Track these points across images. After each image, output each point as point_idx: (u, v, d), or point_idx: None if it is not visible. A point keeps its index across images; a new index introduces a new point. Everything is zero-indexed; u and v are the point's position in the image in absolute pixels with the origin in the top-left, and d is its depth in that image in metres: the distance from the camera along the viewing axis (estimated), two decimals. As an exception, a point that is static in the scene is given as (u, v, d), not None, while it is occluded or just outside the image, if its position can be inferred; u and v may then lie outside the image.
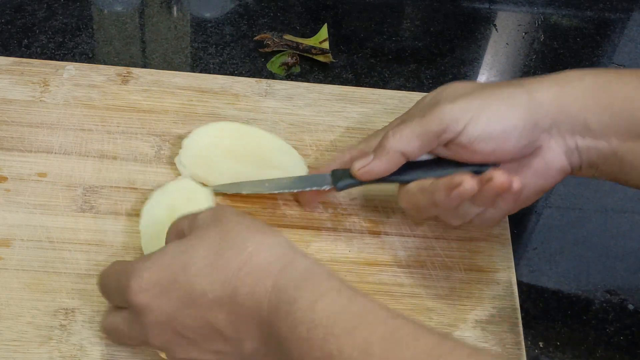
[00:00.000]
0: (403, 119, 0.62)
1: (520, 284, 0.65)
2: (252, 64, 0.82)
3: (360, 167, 0.60)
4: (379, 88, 0.78)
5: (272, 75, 0.80)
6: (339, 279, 0.48)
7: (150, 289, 0.50)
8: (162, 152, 0.70)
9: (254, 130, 0.70)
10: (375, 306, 0.46)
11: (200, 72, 0.79)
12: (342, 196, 0.68)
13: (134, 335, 0.52)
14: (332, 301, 0.46)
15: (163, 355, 0.54)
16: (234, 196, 0.67)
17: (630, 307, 0.66)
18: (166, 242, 0.55)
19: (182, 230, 0.53)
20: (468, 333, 0.61)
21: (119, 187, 0.67)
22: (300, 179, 0.66)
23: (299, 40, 0.83)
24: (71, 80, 0.74)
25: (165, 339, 0.50)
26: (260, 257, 0.48)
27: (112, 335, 0.55)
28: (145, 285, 0.50)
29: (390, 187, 0.63)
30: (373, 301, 0.47)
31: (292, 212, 0.67)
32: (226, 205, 0.61)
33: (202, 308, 0.49)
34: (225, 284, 0.48)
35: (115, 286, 0.52)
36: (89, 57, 0.80)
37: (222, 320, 0.48)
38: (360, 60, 0.83)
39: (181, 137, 0.71)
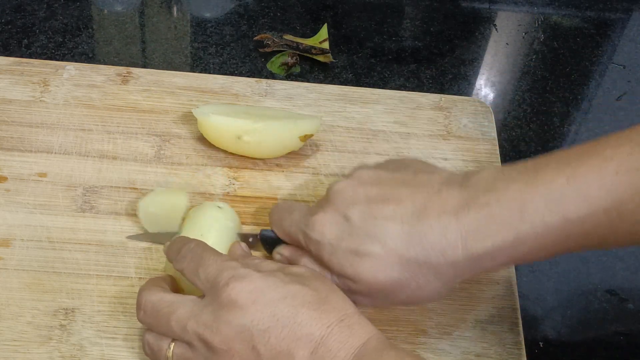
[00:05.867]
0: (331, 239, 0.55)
1: (520, 284, 0.65)
2: (252, 64, 0.82)
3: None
4: (379, 88, 0.78)
5: (272, 75, 0.80)
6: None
7: (253, 292, 0.51)
8: (162, 152, 0.70)
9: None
10: None
11: (200, 72, 0.79)
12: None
13: (185, 322, 0.51)
14: None
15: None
16: (233, 197, 0.67)
17: (630, 307, 0.66)
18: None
19: (257, 264, 0.55)
20: (468, 333, 0.61)
21: (119, 187, 0.67)
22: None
23: (299, 40, 0.83)
24: (71, 80, 0.74)
25: (227, 341, 0.50)
26: (360, 318, 0.52)
27: (152, 311, 0.53)
28: (247, 287, 0.51)
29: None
30: None
31: (292, 212, 0.67)
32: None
33: (292, 336, 0.50)
34: (324, 326, 0.50)
35: (207, 277, 0.52)
36: (89, 57, 0.80)
37: (302, 356, 0.49)
38: (360, 60, 0.83)
39: (181, 137, 0.71)
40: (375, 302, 0.56)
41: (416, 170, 0.57)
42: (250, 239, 0.62)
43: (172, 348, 0.53)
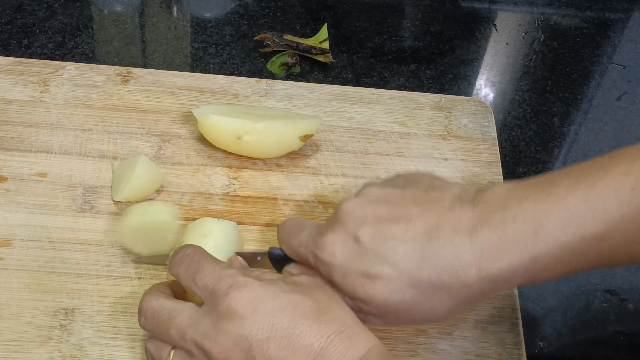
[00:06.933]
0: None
1: (520, 284, 0.65)
2: (252, 64, 0.82)
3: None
4: (379, 88, 0.78)
5: (272, 75, 0.80)
6: None
7: (252, 302, 0.50)
8: (162, 152, 0.70)
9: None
10: None
11: (200, 72, 0.79)
12: (342, 195, 0.68)
13: (184, 330, 0.51)
14: None
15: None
16: (233, 197, 0.67)
17: (630, 307, 0.66)
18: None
19: (255, 275, 0.54)
20: (468, 333, 0.61)
21: (119, 187, 0.67)
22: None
23: (299, 40, 0.83)
24: (71, 80, 0.74)
25: (225, 351, 0.49)
26: (361, 329, 0.51)
27: (152, 318, 0.53)
28: (247, 296, 0.50)
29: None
30: None
31: (292, 211, 0.67)
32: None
33: (290, 347, 0.49)
34: (324, 337, 0.49)
35: (205, 285, 0.52)
36: (89, 57, 0.80)
37: None
38: (360, 60, 0.83)
39: (181, 137, 0.71)
40: (387, 321, 0.55)
41: (426, 187, 0.55)
42: (259, 258, 0.61)
43: (171, 356, 0.52)
